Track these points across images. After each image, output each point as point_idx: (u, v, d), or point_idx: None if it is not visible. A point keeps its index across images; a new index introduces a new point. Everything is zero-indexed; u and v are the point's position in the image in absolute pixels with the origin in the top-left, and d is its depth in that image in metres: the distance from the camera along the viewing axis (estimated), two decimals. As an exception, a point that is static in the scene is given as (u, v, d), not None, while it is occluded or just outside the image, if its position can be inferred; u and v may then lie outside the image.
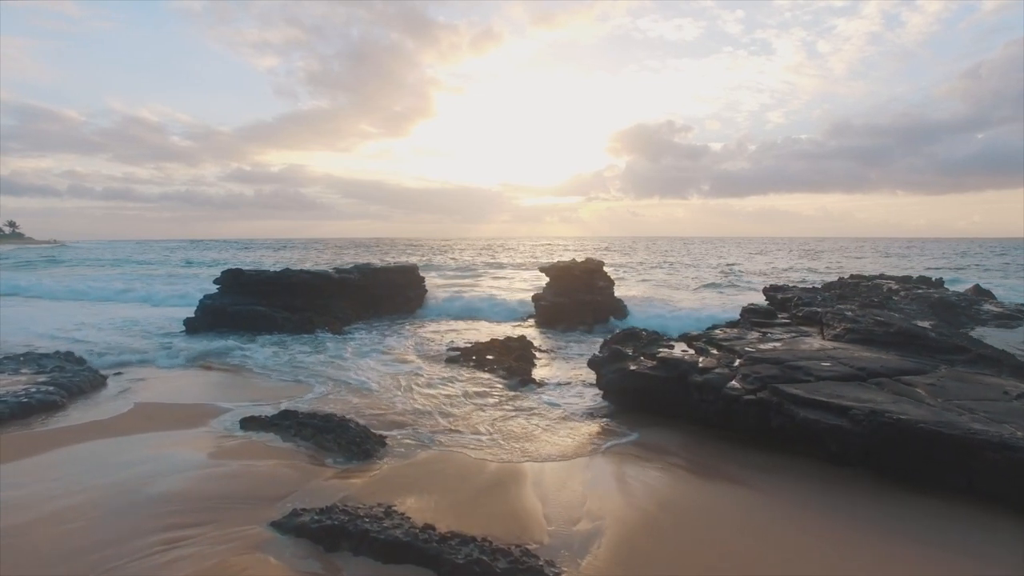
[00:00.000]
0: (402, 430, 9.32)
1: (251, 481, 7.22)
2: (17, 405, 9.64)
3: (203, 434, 9.01)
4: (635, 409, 10.15)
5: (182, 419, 9.67)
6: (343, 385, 11.91)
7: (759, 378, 8.73)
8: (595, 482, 7.23)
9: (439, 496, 6.83)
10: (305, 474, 7.56)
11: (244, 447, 8.45)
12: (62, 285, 32.76)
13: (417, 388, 11.66)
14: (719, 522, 6.27)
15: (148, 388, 11.55)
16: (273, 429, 9.34)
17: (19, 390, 10.39)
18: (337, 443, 8.75)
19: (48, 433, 8.80)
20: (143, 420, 9.53)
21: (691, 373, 9.55)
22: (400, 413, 10.12)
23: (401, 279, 24.19)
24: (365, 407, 10.43)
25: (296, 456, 8.25)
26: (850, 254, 76.19)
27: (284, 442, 8.76)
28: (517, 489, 6.99)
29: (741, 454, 8.13)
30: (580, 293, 21.22)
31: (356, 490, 7.05)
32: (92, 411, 10.03)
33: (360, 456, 8.40)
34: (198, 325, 18.56)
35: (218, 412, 10.12)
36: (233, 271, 20.74)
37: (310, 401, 10.79)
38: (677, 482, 7.27)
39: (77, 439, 8.50)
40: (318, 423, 9.19)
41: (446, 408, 10.38)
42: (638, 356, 10.89)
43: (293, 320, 18.46)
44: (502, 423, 9.47)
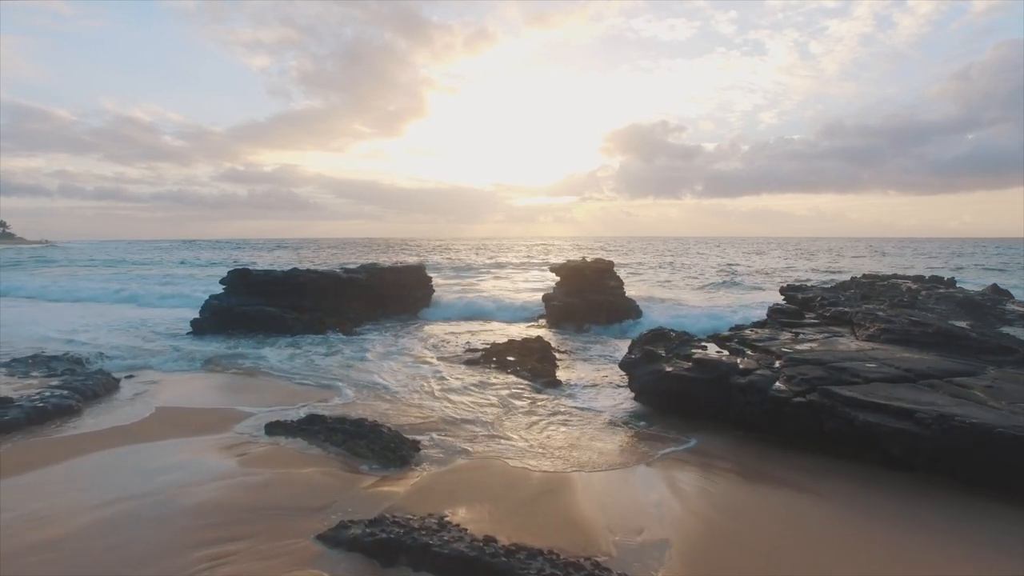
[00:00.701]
0: (434, 435, 9.01)
1: (288, 490, 6.89)
2: (33, 410, 9.25)
3: (228, 440, 8.66)
4: (671, 412, 9.89)
5: (204, 424, 9.32)
6: (365, 388, 11.58)
7: (805, 380, 8.49)
8: (649, 490, 6.96)
9: (490, 506, 6.53)
10: (342, 482, 7.25)
11: (274, 454, 8.12)
12: (57, 286, 32.16)
13: (442, 391, 11.34)
14: (787, 530, 6.01)
15: (164, 392, 11.16)
16: (300, 434, 9.01)
17: (33, 394, 10.00)
18: (371, 449, 8.43)
19: (70, 439, 8.43)
20: (165, 425, 9.17)
21: (732, 375, 9.30)
22: (429, 417, 9.81)
23: (409, 279, 23.85)
24: (392, 411, 10.12)
25: (329, 463, 7.92)
26: (846, 254, 76.43)
27: (314, 448, 8.44)
28: (570, 498, 6.70)
29: (790, 458, 7.89)
30: (592, 293, 20.96)
31: (400, 500, 6.74)
32: (110, 416, 9.65)
33: (396, 463, 8.08)
34: (205, 326, 18.15)
35: (240, 416, 9.78)
36: (240, 271, 20.34)
37: (335, 405, 10.45)
38: (735, 488, 7.01)
39: (101, 446, 8.13)
40: (349, 428, 8.86)
41: (476, 412, 10.08)
42: (671, 357, 10.63)
43: (303, 321, 18.08)
44: (539, 429, 9.16)
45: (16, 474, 7.16)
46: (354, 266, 23.65)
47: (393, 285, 23.08)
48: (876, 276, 21.09)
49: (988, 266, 46.69)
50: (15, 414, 9.01)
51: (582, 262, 22.26)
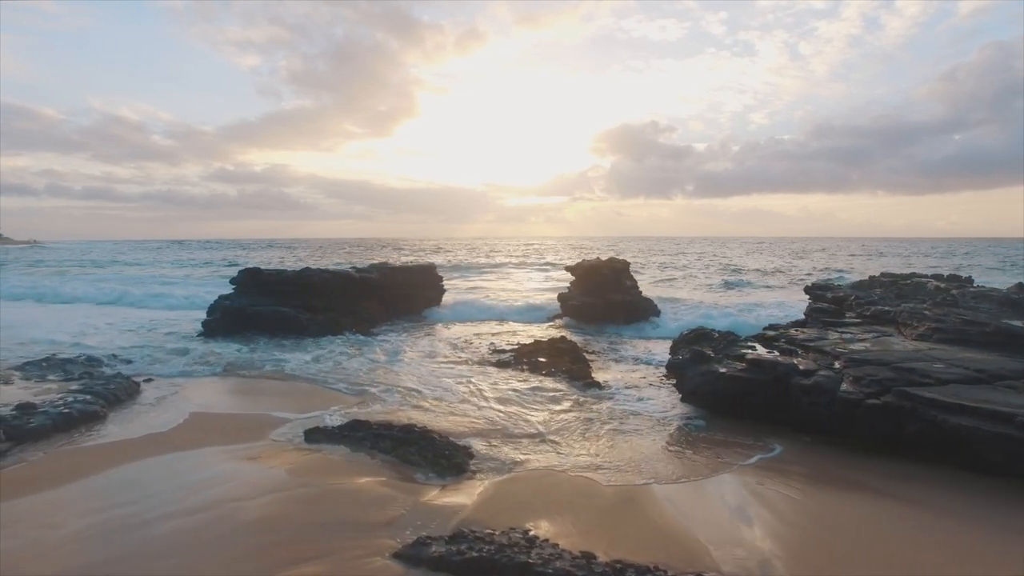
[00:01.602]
0: (484, 440, 8.59)
1: (348, 503, 6.45)
2: (59, 416, 8.73)
3: (268, 447, 8.20)
4: (725, 414, 9.54)
5: (240, 430, 8.84)
6: (399, 392, 11.12)
7: (875, 381, 8.16)
8: (732, 499, 6.58)
9: (569, 518, 6.13)
10: (403, 493, 6.81)
11: (321, 463, 7.66)
12: (51, 287, 31.28)
13: (482, 394, 10.92)
14: (893, 540, 5.67)
15: (190, 397, 10.65)
16: (344, 441, 8.55)
17: (55, 399, 9.47)
18: (423, 456, 7.99)
19: (106, 448, 7.92)
20: (200, 432, 8.68)
21: (792, 376, 8.96)
22: (474, 422, 9.39)
23: (420, 279, 23.38)
24: (434, 416, 9.68)
25: (382, 472, 7.48)
26: (839, 253, 76.58)
27: (360, 455, 7.99)
28: (654, 509, 6.32)
29: (868, 462, 7.55)
30: (611, 293, 20.61)
31: (470, 512, 6.32)
32: (139, 422, 9.14)
33: (452, 471, 7.66)
34: (216, 327, 17.57)
35: (275, 422, 9.30)
36: (251, 270, 19.77)
37: (374, 411, 10.00)
38: (824, 497, 6.64)
39: (140, 454, 7.64)
40: (398, 434, 8.43)
41: (521, 416, 9.67)
42: (721, 358, 10.29)
43: (318, 322, 17.56)
44: (595, 435, 8.74)
45: (54, 486, 6.67)
46: (364, 265, 23.13)
47: (404, 285, 22.58)
48: (895, 275, 20.88)
49: (988, 265, 46.89)
50: (41, 421, 8.49)
51: (598, 261, 21.90)
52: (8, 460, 7.46)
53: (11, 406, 8.92)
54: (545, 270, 49.02)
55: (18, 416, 8.47)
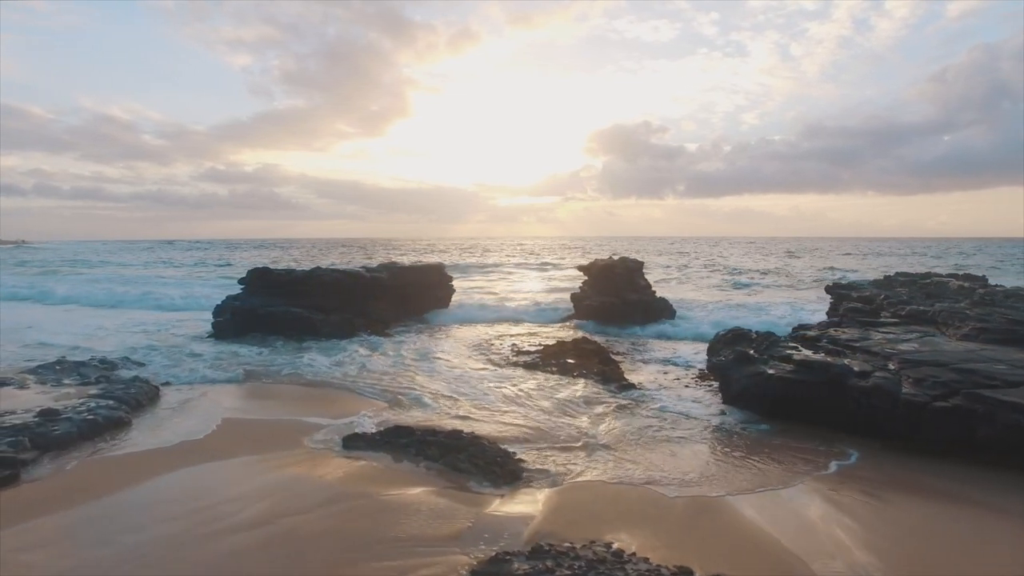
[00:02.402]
0: (531, 447, 8.25)
1: (408, 515, 6.09)
2: (84, 423, 8.29)
3: (308, 455, 7.81)
4: (776, 417, 9.27)
5: (274, 437, 8.44)
6: (431, 395, 10.75)
7: (939, 383, 7.92)
8: (815, 510, 6.27)
9: (648, 530, 5.80)
10: (462, 503, 6.46)
11: (368, 472, 7.30)
12: (45, 288, 30.51)
13: (518, 397, 10.58)
14: (986, 549, 5.41)
15: (215, 402, 10.22)
16: (385, 448, 8.18)
17: (77, 405, 9.03)
18: (473, 464, 7.64)
19: (143, 457, 7.50)
20: (234, 439, 8.27)
21: (848, 377, 8.70)
22: (518, 427, 9.04)
23: (430, 278, 22.95)
24: (474, 420, 9.33)
25: (432, 481, 7.13)
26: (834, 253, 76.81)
27: (404, 463, 7.65)
28: (735, 521, 6.00)
29: (941, 467, 7.29)
30: (626, 292, 20.34)
31: (541, 524, 5.98)
32: (167, 428, 8.71)
33: (507, 479, 7.31)
34: (227, 328, 17.10)
35: (308, 428, 8.91)
36: (260, 270, 19.30)
37: (408, 415, 9.63)
38: (908, 505, 6.36)
39: (177, 463, 7.24)
40: (445, 440, 8.07)
41: (565, 420, 9.34)
42: (766, 359, 10.02)
43: (331, 322, 17.13)
44: (648, 440, 8.40)
45: (93, 498, 6.26)
46: (373, 265, 22.71)
47: (413, 285, 22.16)
48: (912, 274, 20.77)
49: (987, 265, 47.09)
50: (66, 428, 8.05)
51: (612, 260, 21.62)
52: (38, 470, 7.04)
53: (33, 412, 8.48)
54: (544, 269, 48.76)
55: (42, 423, 8.03)
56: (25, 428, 7.81)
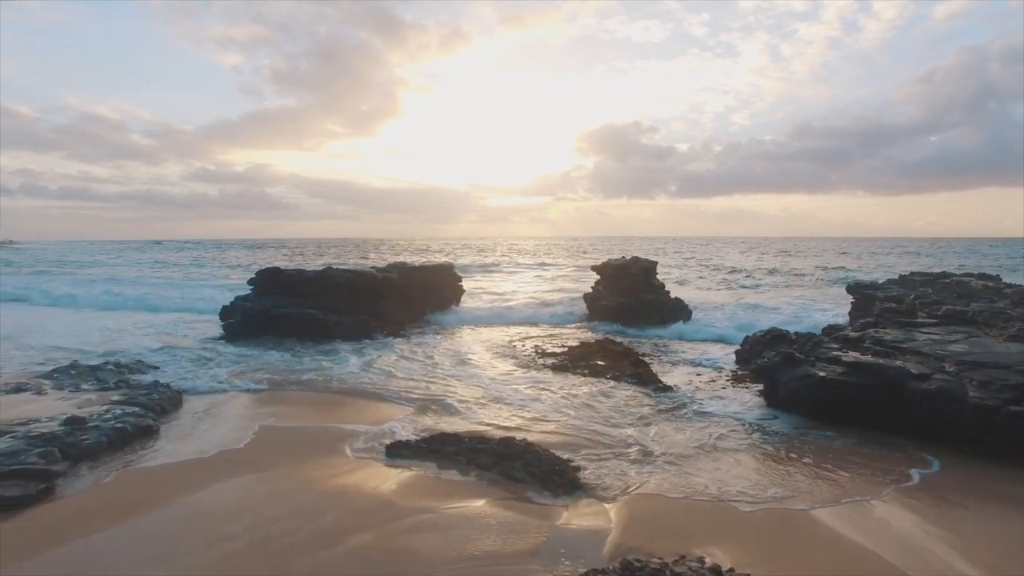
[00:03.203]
0: (584, 454, 7.92)
1: (478, 530, 5.75)
2: (113, 432, 7.87)
3: (353, 465, 7.45)
4: (826, 420, 9.01)
5: (314, 445, 8.06)
6: (464, 399, 10.40)
7: (1008, 386, 7.69)
8: (907, 521, 5.98)
9: (736, 544, 5.49)
10: (530, 516, 6.13)
11: (422, 482, 6.95)
12: (39, 289, 29.76)
13: (555, 401, 10.25)
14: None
15: (243, 408, 9.82)
16: (431, 456, 7.83)
17: (102, 411, 8.59)
18: (529, 473, 7.31)
19: (182, 468, 7.09)
20: (274, 447, 7.88)
21: (906, 380, 8.45)
22: (565, 432, 8.71)
23: (439, 278, 22.58)
24: (517, 426, 8.98)
25: (489, 491, 6.80)
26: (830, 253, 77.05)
27: (451, 472, 7.32)
28: (825, 534, 5.69)
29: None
30: (642, 293, 20.07)
31: (620, 538, 5.67)
32: (200, 437, 8.30)
33: (566, 488, 6.99)
34: (238, 330, 16.65)
35: (346, 435, 8.53)
36: (271, 270, 18.84)
37: (448, 420, 9.27)
38: (1004, 515, 6.08)
39: (221, 474, 6.84)
40: (497, 448, 7.72)
41: (613, 424, 9.03)
42: (813, 360, 9.75)
43: (346, 324, 16.71)
44: (707, 448, 8.06)
45: (141, 513, 5.86)
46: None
47: (423, 285, 21.76)
48: (929, 274, 20.64)
49: (985, 265, 47.34)
50: (95, 437, 7.63)
51: (626, 260, 21.36)
52: (75, 484, 6.62)
53: (59, 420, 8.04)
54: (545, 269, 48.45)
55: (71, 432, 7.60)
56: (54, 437, 7.38)
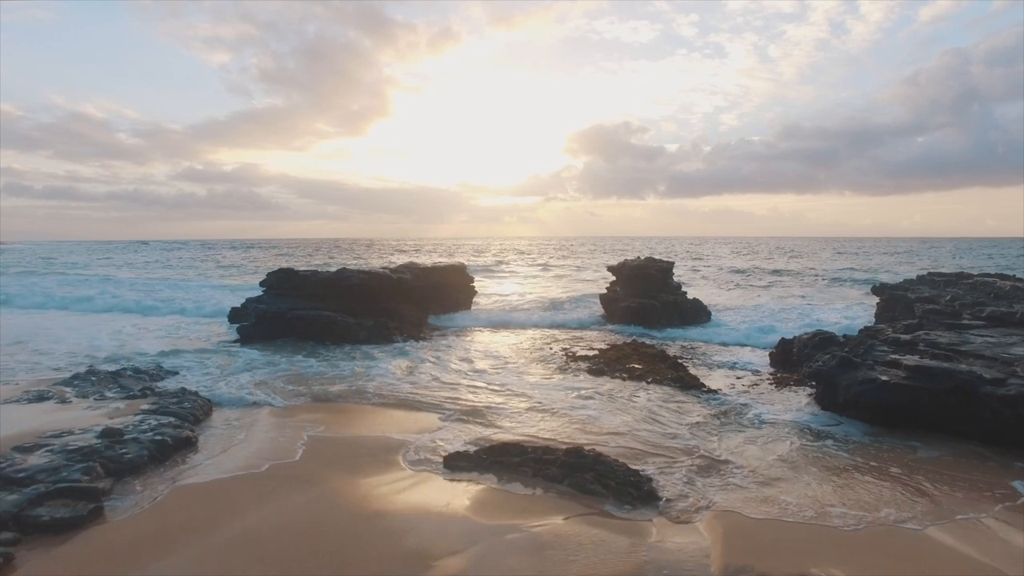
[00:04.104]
0: (649, 463, 7.57)
1: (573, 551, 5.36)
2: (153, 444, 7.38)
3: (413, 478, 7.04)
4: (890, 425, 8.72)
5: (367, 457, 7.61)
6: (505, 406, 10.01)
7: (1091, 391, 7.42)
8: (1011, 532, 5.69)
9: (853, 563, 5.14)
10: (621, 533, 5.75)
11: (493, 498, 6.55)
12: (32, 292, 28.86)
13: (604, 407, 9.88)
14: None
15: (280, 417, 9.34)
16: (493, 468, 7.43)
17: (136, 422, 8.10)
18: (603, 484, 6.93)
19: (236, 483, 6.61)
20: (327, 460, 7.42)
21: (979, 384, 8.16)
22: (623, 440, 8.34)
23: (452, 279, 22.15)
24: (573, 434, 8.61)
25: (568, 506, 6.42)
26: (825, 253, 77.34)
27: (514, 484, 6.93)
28: (947, 554, 5.36)
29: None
30: (661, 294, 19.77)
31: (724, 557, 5.30)
32: (241, 449, 7.82)
33: (643, 501, 6.64)
34: (253, 333, 16.11)
35: (395, 446, 8.10)
36: (285, 271, 18.30)
37: (492, 428, 8.87)
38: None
39: (281, 490, 6.38)
40: (566, 459, 7.33)
41: (669, 432, 8.68)
42: (872, 364, 9.46)
43: (367, 327, 16.23)
44: (781, 458, 7.70)
45: (206, 535, 5.39)
46: (393, 265, 21.80)
47: (436, 286, 21.33)
48: (946, 274, 20.51)
49: (983, 265, 47.70)
50: (136, 450, 7.14)
51: (644, 261, 21.04)
52: (123, 503, 6.14)
53: (94, 432, 7.54)
54: (547, 270, 48.08)
55: (110, 446, 7.11)
56: (93, 451, 6.89)
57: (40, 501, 5.79)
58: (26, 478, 6.16)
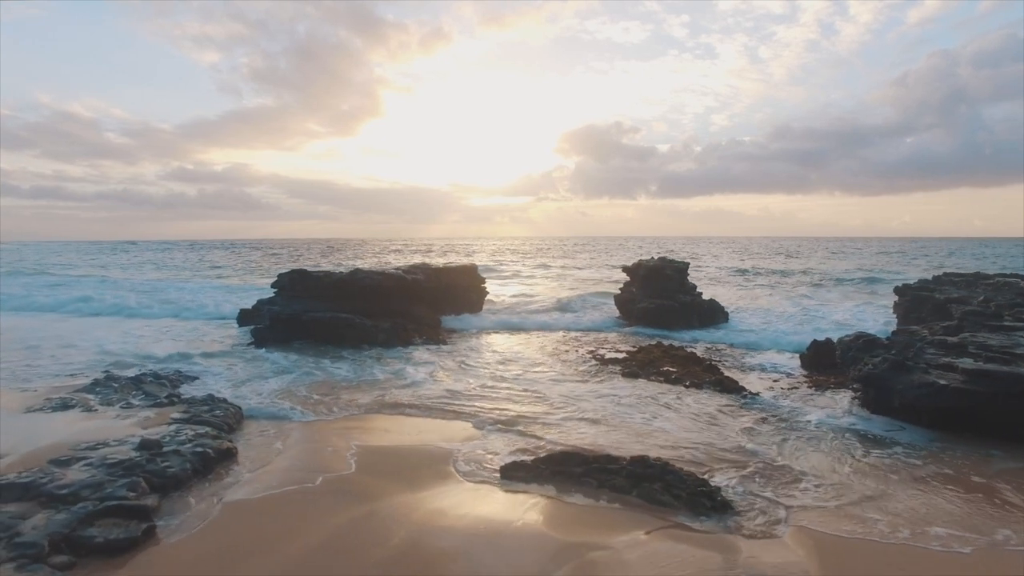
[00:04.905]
0: (711, 472, 7.29)
1: (665, 570, 5.04)
2: (195, 457, 6.99)
3: (472, 491, 6.71)
4: (948, 430, 8.51)
5: (418, 468, 7.26)
6: (549, 414, 9.70)
7: None
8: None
9: (963, 581, 4.87)
10: (706, 548, 5.46)
11: (564, 512, 6.26)
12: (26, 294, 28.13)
13: (652, 412, 9.59)
14: None
15: (317, 426, 8.96)
16: (553, 478, 7.10)
17: (171, 431, 7.69)
18: (672, 495, 6.63)
19: (289, 498, 6.24)
20: (378, 472, 7.06)
21: (1046, 389, 7.94)
22: (682, 447, 8.06)
23: (464, 280, 21.77)
24: (629, 441, 8.30)
25: (642, 520, 6.13)
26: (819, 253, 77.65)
27: (574, 495, 6.63)
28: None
29: None
30: (678, 295, 19.52)
31: (824, 573, 5.01)
32: (285, 460, 7.44)
33: (717, 512, 6.35)
34: (267, 335, 15.67)
35: (443, 455, 7.77)
36: (298, 272, 17.86)
37: (550, 437, 8.54)
38: None
39: (340, 506, 6.02)
40: (632, 469, 7.01)
41: (724, 438, 8.41)
42: (925, 368, 9.23)
43: (385, 329, 15.83)
44: (855, 468, 7.43)
45: (263, 556, 5.02)
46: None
47: (449, 287, 20.95)
48: (963, 274, 20.42)
49: (980, 265, 47.98)
50: (179, 464, 6.75)
51: (659, 261, 20.78)
52: (174, 521, 5.75)
53: (129, 444, 7.13)
54: (547, 269, 47.80)
55: (151, 459, 6.71)
56: (134, 465, 6.49)
57: (90, 520, 5.40)
58: (70, 495, 5.76)
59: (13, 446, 7.06)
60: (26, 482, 5.90)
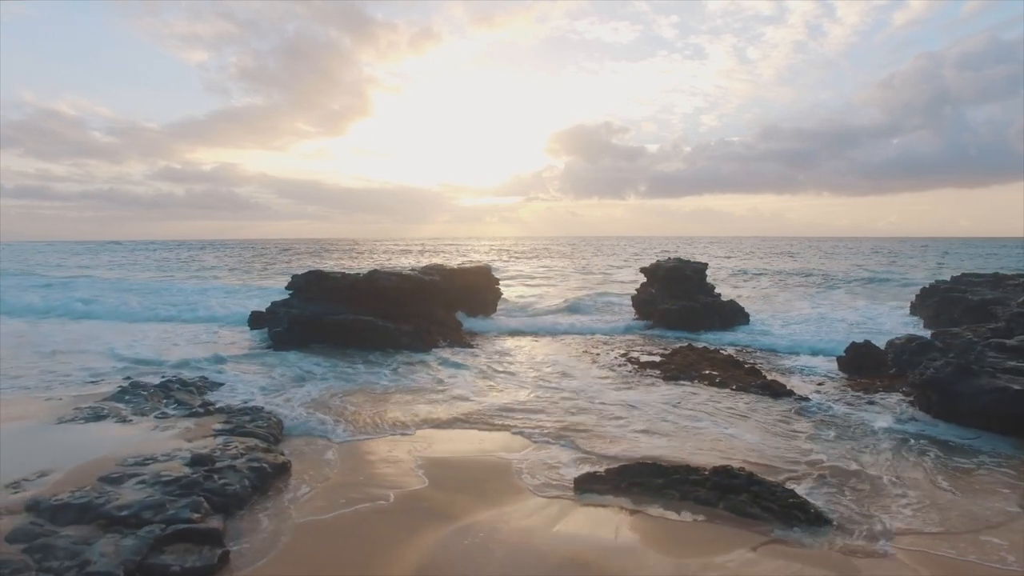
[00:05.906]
0: (794, 481, 6.97)
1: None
2: (252, 473, 6.55)
3: (553, 505, 6.37)
4: (1018, 435, 8.26)
5: (487, 480, 6.92)
6: (599, 420, 9.34)
7: None
8: None
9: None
10: (818, 567, 5.15)
11: (656, 526, 5.96)
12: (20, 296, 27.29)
13: (709, 417, 9.27)
14: None
15: (372, 438, 8.53)
16: (632, 491, 6.75)
17: (220, 444, 7.24)
18: (761, 507, 6.31)
19: (359, 519, 5.81)
20: (449, 487, 6.66)
21: None
22: (748, 457, 7.73)
23: (479, 281, 21.36)
24: (683, 448, 7.97)
25: (735, 535, 5.78)
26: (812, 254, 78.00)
27: (653, 507, 6.30)
28: None
29: None
30: (699, 296, 19.26)
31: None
32: (345, 474, 7.03)
33: (813, 524, 6.03)
34: (285, 339, 15.17)
35: (507, 467, 7.39)
36: (315, 273, 17.37)
37: (614, 447, 8.19)
38: None
39: (424, 525, 5.61)
40: (716, 479, 6.67)
41: (792, 445, 8.10)
42: (992, 371, 8.99)
43: (408, 332, 15.39)
44: (948, 477, 7.17)
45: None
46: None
47: (464, 288, 20.53)
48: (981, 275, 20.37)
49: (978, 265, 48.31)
50: (236, 480, 6.31)
51: (676, 262, 20.53)
52: (243, 544, 5.31)
53: (180, 459, 6.67)
54: (547, 269, 47.48)
55: (208, 476, 6.26)
56: (192, 483, 6.04)
57: (159, 546, 4.95)
58: (131, 516, 5.31)
59: (54, 462, 6.58)
60: (83, 503, 5.44)
